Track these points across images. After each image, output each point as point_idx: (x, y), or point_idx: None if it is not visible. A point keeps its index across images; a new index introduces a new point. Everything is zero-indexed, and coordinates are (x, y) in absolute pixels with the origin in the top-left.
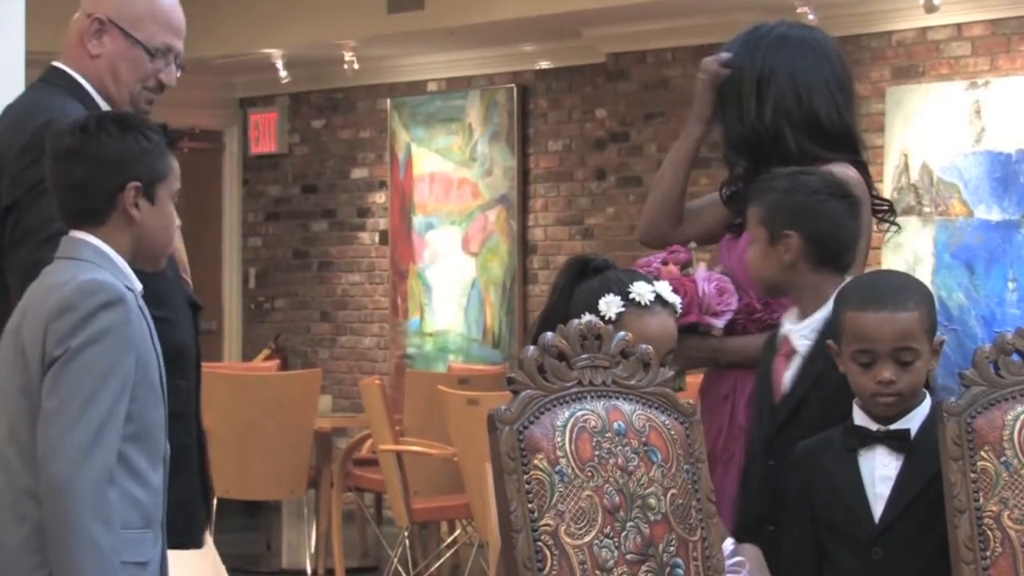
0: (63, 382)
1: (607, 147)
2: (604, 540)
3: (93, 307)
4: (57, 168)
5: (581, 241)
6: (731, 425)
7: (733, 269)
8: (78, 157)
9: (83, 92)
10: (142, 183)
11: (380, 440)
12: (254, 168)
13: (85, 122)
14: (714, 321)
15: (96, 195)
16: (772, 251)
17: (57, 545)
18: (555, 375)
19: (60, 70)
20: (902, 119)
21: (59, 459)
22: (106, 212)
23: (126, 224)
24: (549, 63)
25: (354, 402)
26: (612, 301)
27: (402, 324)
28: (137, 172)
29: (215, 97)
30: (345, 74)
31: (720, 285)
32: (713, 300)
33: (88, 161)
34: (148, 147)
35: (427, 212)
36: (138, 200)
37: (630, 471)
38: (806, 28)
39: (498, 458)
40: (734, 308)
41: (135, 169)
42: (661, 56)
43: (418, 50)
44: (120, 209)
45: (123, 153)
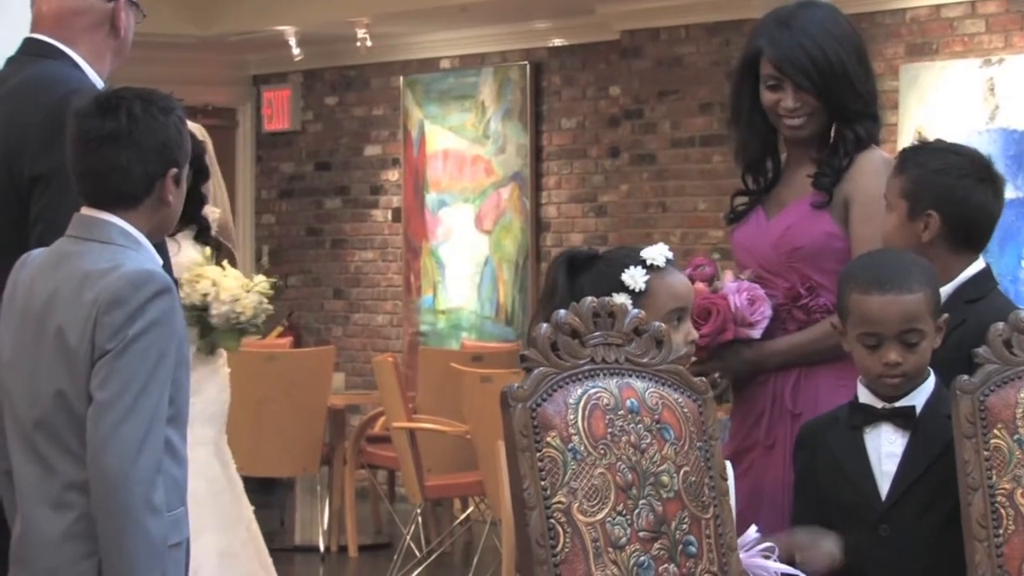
0: (116, 374)
1: (621, 124)
2: (617, 517)
3: (144, 298)
4: (96, 151)
5: (595, 218)
6: (773, 410)
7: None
8: (123, 141)
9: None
10: (178, 168)
11: (393, 417)
12: (267, 145)
13: (129, 104)
14: (751, 332)
15: (138, 181)
16: (909, 225)
17: (110, 537)
18: (568, 353)
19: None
20: (916, 96)
21: (113, 452)
22: (142, 197)
23: (157, 207)
24: (562, 40)
25: (367, 379)
26: (635, 273)
27: (415, 301)
28: (176, 157)
29: (228, 75)
30: (358, 51)
31: (751, 295)
32: (746, 312)
33: (134, 146)
34: (182, 129)
35: (440, 189)
36: (172, 185)
37: (643, 449)
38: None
39: (511, 435)
40: (768, 315)
41: (176, 155)
42: (675, 33)
43: (431, 27)
44: (156, 194)
45: (168, 139)
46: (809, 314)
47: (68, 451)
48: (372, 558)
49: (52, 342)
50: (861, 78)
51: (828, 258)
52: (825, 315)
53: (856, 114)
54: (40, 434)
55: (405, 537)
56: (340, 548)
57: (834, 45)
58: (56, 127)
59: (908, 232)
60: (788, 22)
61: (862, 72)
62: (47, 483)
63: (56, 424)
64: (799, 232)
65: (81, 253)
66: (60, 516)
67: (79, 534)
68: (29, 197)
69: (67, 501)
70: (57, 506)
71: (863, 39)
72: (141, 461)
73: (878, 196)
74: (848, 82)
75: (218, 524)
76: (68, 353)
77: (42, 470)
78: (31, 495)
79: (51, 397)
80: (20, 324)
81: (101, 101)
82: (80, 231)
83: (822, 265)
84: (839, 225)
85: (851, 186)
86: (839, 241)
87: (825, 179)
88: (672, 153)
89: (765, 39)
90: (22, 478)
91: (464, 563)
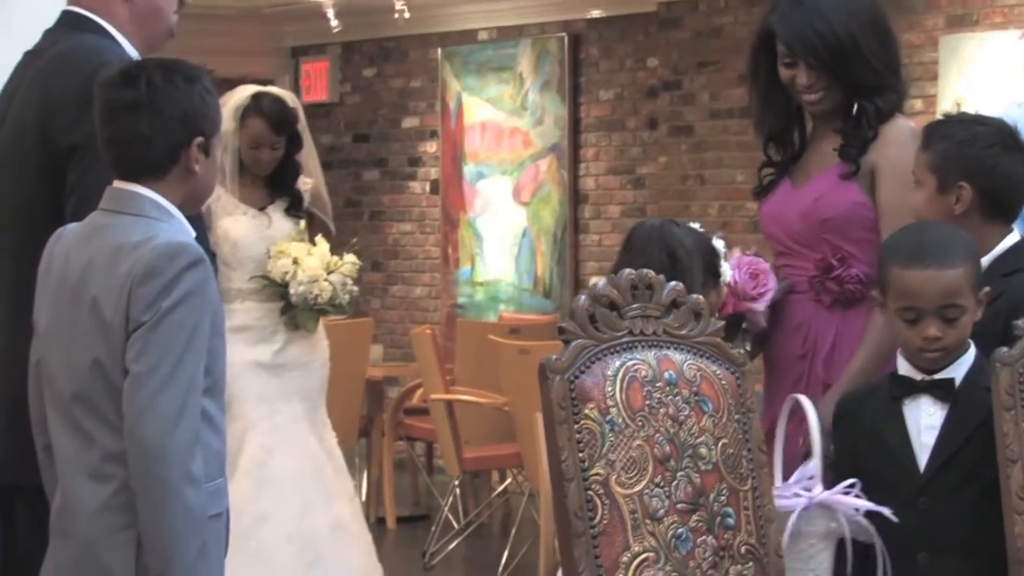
0: (151, 345)
1: (659, 96)
2: (655, 489)
3: (178, 270)
4: (118, 120)
5: (632, 190)
6: (809, 381)
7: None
8: (145, 110)
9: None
10: (204, 138)
11: (431, 389)
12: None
13: (150, 73)
14: (753, 306)
15: (161, 150)
16: (940, 199)
17: (149, 508)
18: (606, 325)
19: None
20: (956, 67)
21: (151, 424)
22: (168, 167)
23: (185, 178)
24: (601, 12)
25: (405, 351)
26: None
27: (453, 273)
28: (201, 127)
29: (267, 46)
30: (396, 23)
31: (752, 268)
32: (748, 286)
33: (156, 115)
34: (209, 99)
35: (478, 161)
36: (199, 155)
37: (681, 421)
38: None
39: (549, 407)
40: (772, 287)
41: (200, 123)
42: (713, 4)
43: None
44: (182, 164)
45: (191, 108)
46: (841, 284)
47: (106, 422)
48: (410, 530)
49: (88, 314)
50: (877, 52)
51: (857, 227)
52: (857, 285)
53: (872, 89)
54: (78, 406)
55: (443, 509)
56: (378, 520)
57: (845, 20)
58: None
59: (939, 206)
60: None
61: (877, 45)
62: (86, 454)
63: (94, 395)
64: (828, 202)
65: (114, 226)
66: (99, 487)
67: (118, 505)
68: (66, 167)
69: (106, 472)
70: (96, 477)
71: (881, 10)
72: (178, 432)
73: (904, 166)
74: (860, 58)
75: (323, 498)
76: (103, 325)
77: (81, 441)
78: (70, 467)
79: (88, 367)
80: (56, 296)
81: (124, 71)
82: (112, 204)
83: (852, 234)
84: (867, 195)
85: (877, 156)
86: (867, 210)
87: (851, 150)
88: (710, 125)
89: (776, 16)
90: (61, 450)
91: (502, 535)
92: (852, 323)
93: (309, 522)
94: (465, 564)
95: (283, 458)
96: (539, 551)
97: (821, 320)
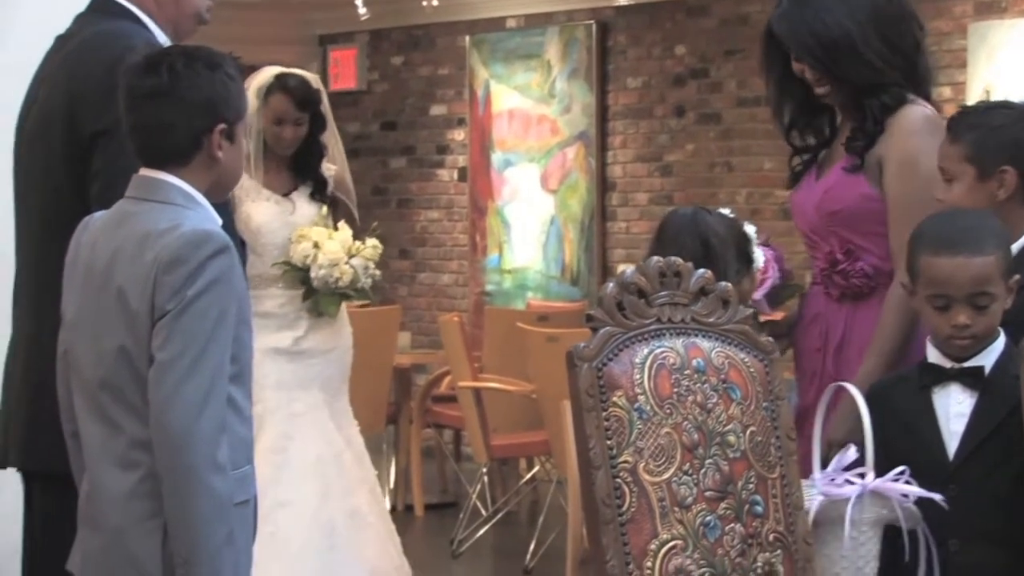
0: (176, 334)
1: (687, 84)
2: (683, 477)
3: (203, 258)
4: (141, 107)
5: (660, 178)
6: (823, 375)
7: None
8: (167, 97)
9: (140, 22)
10: (227, 124)
11: (459, 377)
12: (333, 105)
13: (172, 60)
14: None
15: (184, 137)
16: (981, 187)
17: (176, 496)
18: (634, 312)
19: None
20: (985, 55)
21: (176, 412)
22: (191, 154)
23: (209, 165)
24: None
25: (433, 339)
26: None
27: (481, 261)
28: (224, 114)
29: (294, 34)
30: (424, 11)
31: None
32: None
33: (177, 102)
34: (232, 87)
35: (506, 149)
36: (222, 141)
37: (709, 408)
38: None
39: (577, 395)
40: (771, 276)
41: (222, 111)
42: None
43: None
44: (205, 150)
45: (213, 94)
46: (847, 278)
47: (133, 410)
48: (438, 517)
49: (114, 302)
50: (878, 48)
51: (866, 220)
52: (863, 280)
53: (874, 87)
54: (105, 393)
55: (471, 496)
56: (406, 507)
57: (842, 19)
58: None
59: (980, 195)
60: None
61: (879, 41)
62: (113, 442)
63: (120, 383)
64: (835, 196)
65: (140, 214)
66: (126, 475)
67: (145, 493)
68: (91, 153)
69: (133, 459)
70: (123, 465)
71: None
72: (204, 420)
73: (912, 155)
74: (856, 56)
75: (342, 486)
76: (129, 313)
77: (108, 429)
78: (98, 454)
79: (114, 355)
80: (84, 284)
81: (147, 58)
82: (139, 192)
83: (860, 228)
84: (875, 187)
85: (884, 147)
86: (876, 203)
87: (856, 143)
88: (738, 112)
89: (776, 16)
90: (88, 438)
91: (530, 522)
92: (862, 317)
93: (326, 510)
94: (493, 552)
95: (301, 445)
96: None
97: (832, 313)
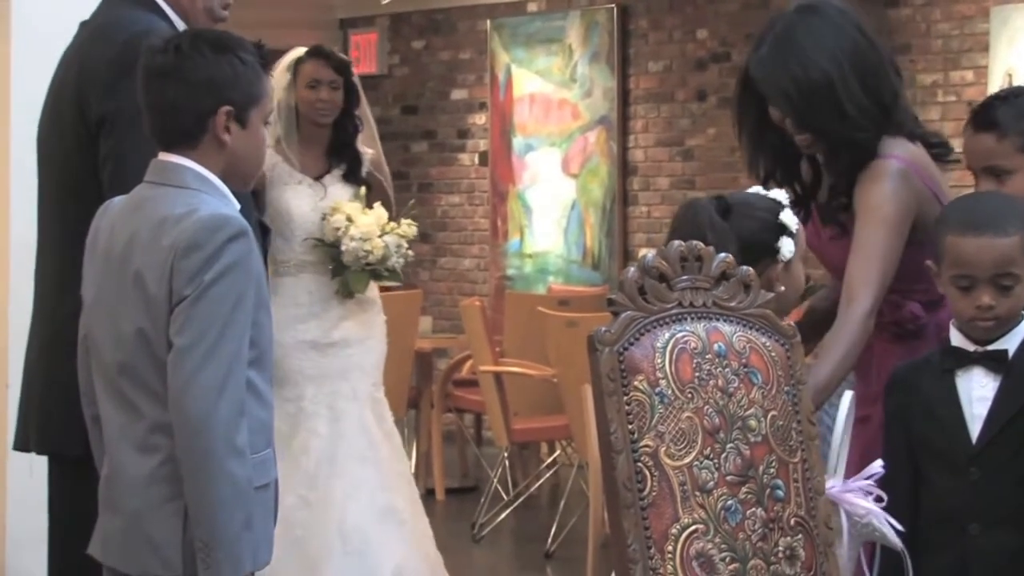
0: (194, 319)
1: (708, 67)
2: (704, 461)
3: (220, 243)
4: (150, 87)
5: (681, 162)
6: (867, 387)
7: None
8: (171, 77)
9: (157, 7)
10: (235, 107)
11: (480, 361)
12: None
13: (179, 41)
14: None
15: (187, 117)
16: None
17: (195, 480)
18: (655, 296)
19: None
20: (1007, 38)
21: (194, 396)
22: (197, 135)
23: (217, 148)
24: None
25: (454, 323)
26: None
27: (502, 246)
28: (230, 96)
29: (315, 18)
30: None
31: None
32: None
33: (181, 82)
34: (242, 70)
35: (527, 133)
36: (229, 124)
37: (730, 392)
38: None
39: (598, 379)
40: None
41: (227, 93)
42: None
43: None
44: (211, 133)
45: (215, 76)
46: (900, 325)
47: (152, 393)
48: (459, 501)
49: (132, 287)
50: (857, 98)
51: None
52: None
53: (844, 142)
54: (124, 378)
55: (492, 480)
56: (427, 491)
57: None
58: (121, 69)
59: None
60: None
61: (858, 89)
62: (133, 426)
63: (139, 367)
64: (829, 262)
65: (158, 198)
66: (146, 458)
67: (164, 476)
68: (98, 137)
69: (153, 443)
70: (143, 448)
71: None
72: (222, 404)
73: (875, 203)
74: (834, 106)
75: (377, 482)
76: (147, 298)
77: (128, 413)
78: (118, 438)
79: (132, 338)
80: (103, 268)
81: (165, 39)
82: (157, 176)
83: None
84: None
85: (856, 200)
86: None
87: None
88: None
89: (755, 59)
90: (108, 422)
91: (551, 506)
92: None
93: (357, 506)
94: (514, 536)
95: (336, 439)
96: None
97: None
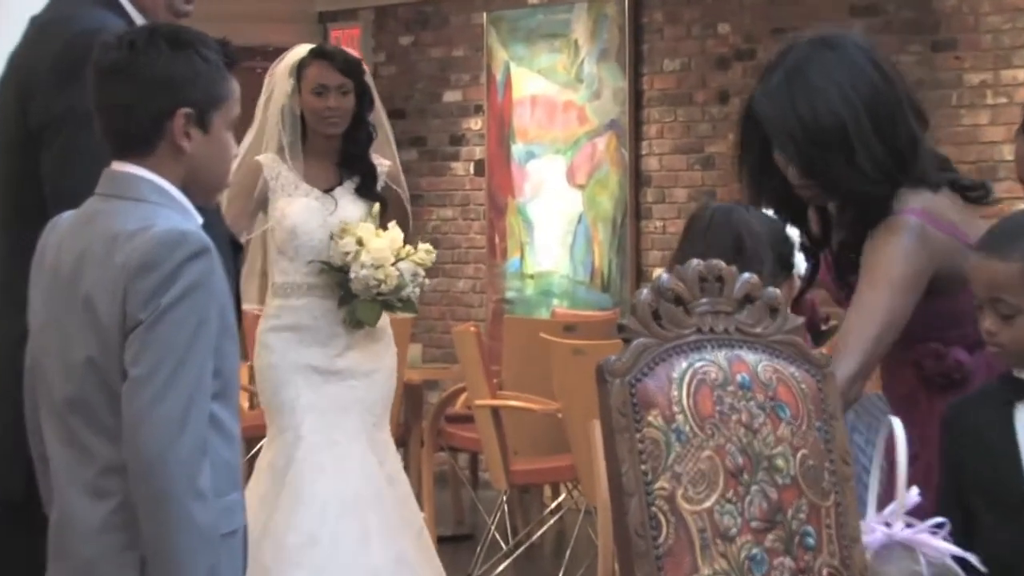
0: (150, 346)
1: (731, 66)
2: (726, 506)
3: (178, 261)
4: (102, 86)
5: (701, 171)
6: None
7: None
8: (124, 75)
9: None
10: (194, 109)
11: (476, 394)
12: None
13: (134, 36)
14: None
15: (142, 120)
16: None
17: (151, 525)
18: (671, 321)
19: None
20: None
21: (150, 433)
22: (153, 140)
23: (175, 154)
24: None
25: (447, 352)
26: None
27: (500, 265)
28: (189, 96)
29: (291, 11)
30: None
31: None
32: None
33: (134, 81)
34: (203, 68)
35: (528, 140)
36: (189, 129)
37: (755, 429)
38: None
39: (608, 414)
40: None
41: (186, 93)
42: None
43: None
44: (168, 138)
45: (173, 74)
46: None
47: (105, 431)
48: (452, 550)
49: (81, 311)
50: (872, 146)
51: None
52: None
53: (853, 193)
54: (75, 414)
55: (489, 527)
56: None
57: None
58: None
59: None
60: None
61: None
62: (84, 467)
63: (91, 401)
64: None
65: (111, 212)
66: (99, 503)
67: (119, 524)
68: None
69: (106, 487)
70: (95, 493)
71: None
72: (182, 442)
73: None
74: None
75: (385, 529)
76: (98, 324)
77: (78, 453)
78: (67, 480)
79: (82, 368)
80: (50, 290)
81: (118, 35)
82: (109, 188)
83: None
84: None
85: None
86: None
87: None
88: None
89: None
90: (57, 461)
91: (555, 556)
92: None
93: (367, 555)
94: None
95: (336, 479)
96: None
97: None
